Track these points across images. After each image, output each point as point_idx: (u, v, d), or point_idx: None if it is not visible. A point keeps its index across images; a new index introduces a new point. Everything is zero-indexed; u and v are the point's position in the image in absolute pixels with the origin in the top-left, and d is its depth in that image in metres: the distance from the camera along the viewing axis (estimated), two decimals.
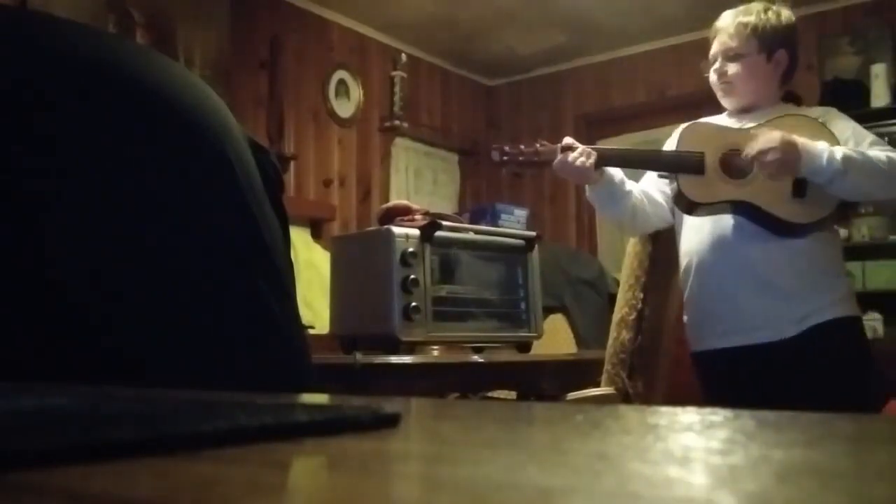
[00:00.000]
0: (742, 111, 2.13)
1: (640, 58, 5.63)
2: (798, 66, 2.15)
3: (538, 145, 2.13)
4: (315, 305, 3.41)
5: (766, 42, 2.06)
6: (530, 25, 5.29)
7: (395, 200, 2.90)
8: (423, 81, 5.77)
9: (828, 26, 4.85)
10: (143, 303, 0.74)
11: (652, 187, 2.21)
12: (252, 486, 0.24)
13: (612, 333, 2.32)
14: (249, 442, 0.30)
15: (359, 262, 2.18)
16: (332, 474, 0.27)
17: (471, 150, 6.06)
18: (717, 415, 0.37)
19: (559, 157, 2.07)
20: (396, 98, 5.42)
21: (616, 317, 2.33)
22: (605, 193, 2.14)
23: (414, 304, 2.04)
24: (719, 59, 2.09)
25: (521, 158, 2.13)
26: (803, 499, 0.21)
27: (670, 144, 2.14)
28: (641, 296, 2.28)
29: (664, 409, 0.40)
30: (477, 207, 3.49)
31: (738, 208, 1.98)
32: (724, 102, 2.15)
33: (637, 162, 2.21)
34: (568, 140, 2.11)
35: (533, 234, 2.43)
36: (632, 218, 2.18)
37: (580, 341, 3.60)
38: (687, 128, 2.12)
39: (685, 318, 2.20)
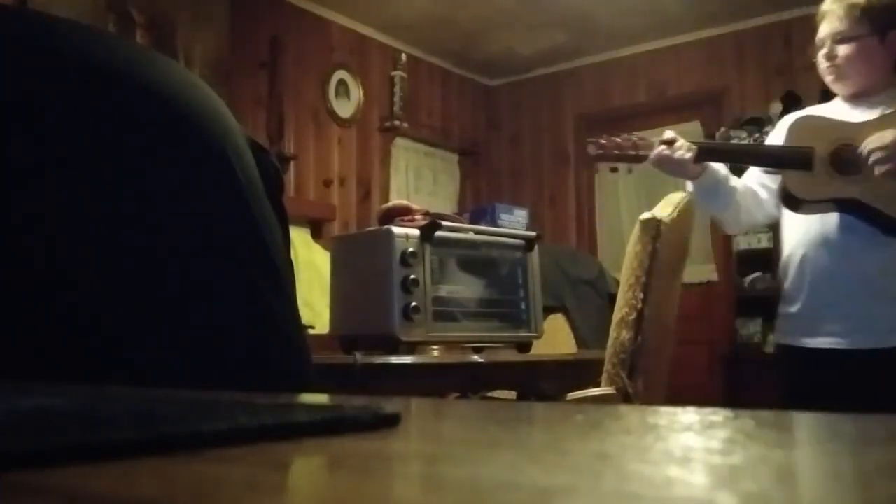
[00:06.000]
0: (854, 97, 2.02)
1: (641, 58, 5.63)
2: None
3: (636, 138, 2.05)
4: (315, 305, 3.41)
5: (879, 22, 1.94)
6: (530, 25, 5.29)
7: (395, 200, 2.90)
8: (423, 81, 5.77)
9: None
10: (142, 302, 0.74)
11: (755, 182, 2.12)
12: (252, 486, 0.24)
13: (612, 333, 2.32)
14: (249, 442, 0.30)
15: (359, 262, 2.18)
16: (332, 474, 0.27)
17: (471, 150, 6.06)
18: (717, 415, 0.37)
19: (657, 149, 2.00)
20: (396, 98, 5.42)
21: (616, 317, 2.33)
22: (708, 188, 2.06)
23: (414, 304, 2.04)
24: (828, 43, 1.99)
25: (617, 152, 2.05)
26: (803, 499, 0.21)
27: (777, 137, 2.06)
28: (641, 296, 2.28)
29: (664, 409, 0.40)
30: (477, 207, 3.49)
31: (847, 206, 1.89)
32: (834, 88, 2.05)
33: (741, 157, 2.13)
34: (669, 133, 2.02)
35: (533, 234, 2.43)
36: (735, 214, 2.11)
37: (580, 341, 3.59)
38: (797, 120, 2.04)
39: (780, 309, 2.11)
